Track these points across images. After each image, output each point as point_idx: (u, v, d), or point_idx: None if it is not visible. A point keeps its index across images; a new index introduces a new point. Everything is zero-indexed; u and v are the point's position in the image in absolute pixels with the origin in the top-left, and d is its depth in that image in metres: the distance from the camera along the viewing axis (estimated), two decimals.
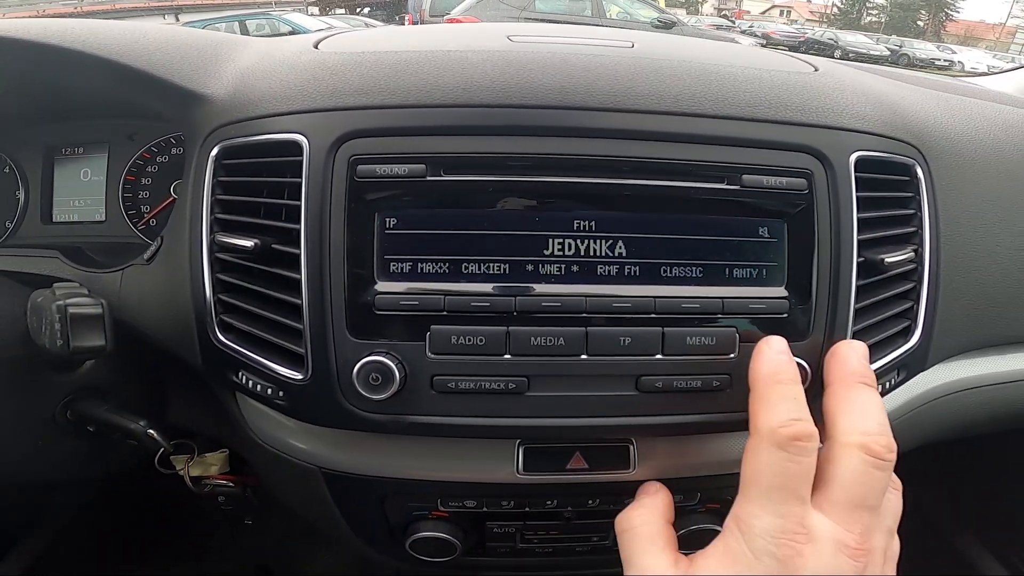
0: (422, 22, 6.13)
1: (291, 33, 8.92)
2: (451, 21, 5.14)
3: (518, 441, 0.42)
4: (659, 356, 0.37)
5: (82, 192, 0.61)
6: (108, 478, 0.56)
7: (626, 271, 0.37)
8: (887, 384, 0.43)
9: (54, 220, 0.60)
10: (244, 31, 9.39)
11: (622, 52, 0.44)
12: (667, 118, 0.38)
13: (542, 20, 5.33)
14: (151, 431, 0.45)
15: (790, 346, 0.38)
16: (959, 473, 0.95)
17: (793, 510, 0.29)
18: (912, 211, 0.43)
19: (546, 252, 0.37)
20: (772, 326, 0.38)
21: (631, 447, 0.42)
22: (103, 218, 0.60)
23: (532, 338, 0.36)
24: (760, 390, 0.33)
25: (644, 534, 0.34)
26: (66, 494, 0.52)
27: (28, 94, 0.54)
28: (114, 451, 0.52)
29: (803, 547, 0.28)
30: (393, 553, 0.48)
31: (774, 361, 0.33)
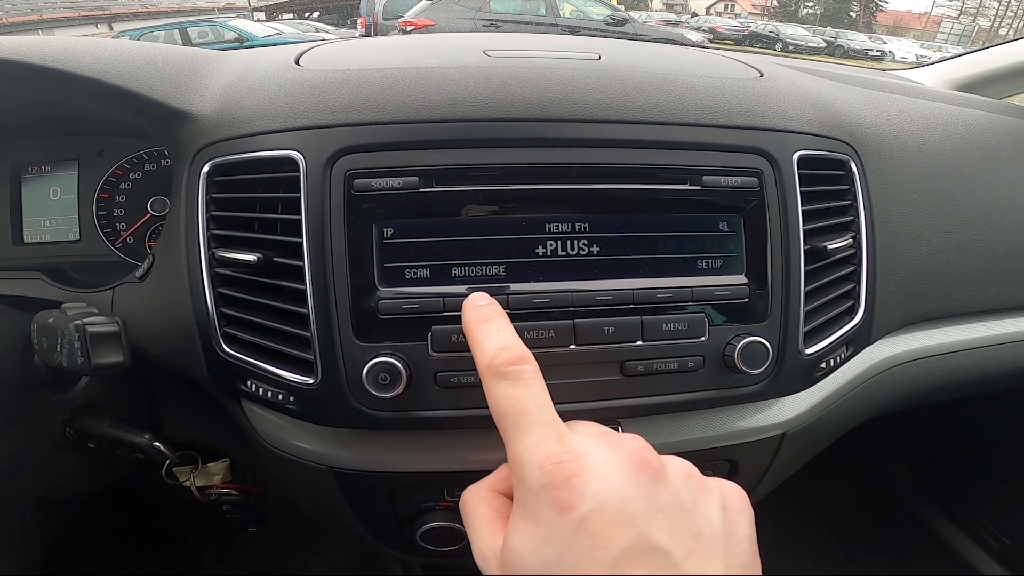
0: (375, 25, 6.06)
1: (237, 40, 8.56)
2: (406, 24, 5.09)
3: None
4: (640, 342, 0.41)
5: (52, 211, 0.60)
6: (92, 495, 0.56)
7: (606, 267, 0.41)
8: (838, 358, 0.48)
9: (25, 241, 0.59)
10: (186, 39, 8.80)
11: (591, 64, 0.47)
12: (635, 127, 0.41)
13: (498, 20, 5.36)
14: (156, 443, 0.46)
15: (752, 328, 0.42)
16: (917, 447, 1.02)
17: (545, 434, 0.27)
18: (849, 202, 0.48)
19: (534, 253, 0.40)
20: (735, 310, 0.42)
21: (618, 429, 0.45)
22: (78, 237, 0.59)
23: (526, 332, 0.39)
24: (470, 336, 0.32)
25: (470, 511, 0.31)
26: (55, 511, 0.52)
27: None
28: (113, 466, 0.53)
29: (573, 464, 0.26)
30: (404, 546, 0.50)
31: (477, 308, 0.33)
